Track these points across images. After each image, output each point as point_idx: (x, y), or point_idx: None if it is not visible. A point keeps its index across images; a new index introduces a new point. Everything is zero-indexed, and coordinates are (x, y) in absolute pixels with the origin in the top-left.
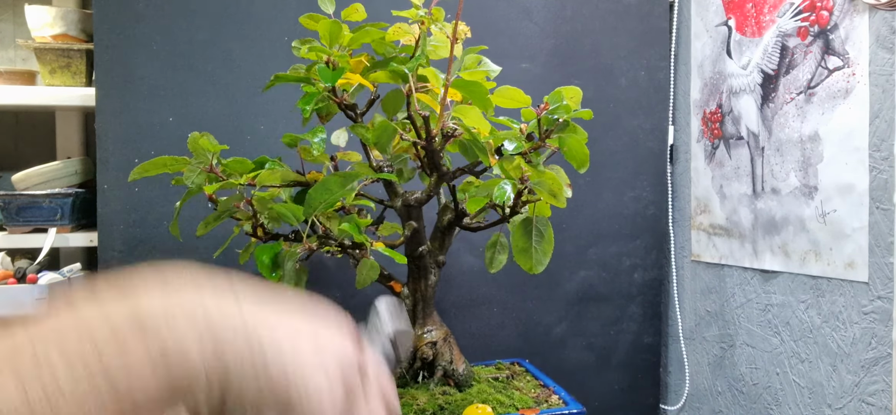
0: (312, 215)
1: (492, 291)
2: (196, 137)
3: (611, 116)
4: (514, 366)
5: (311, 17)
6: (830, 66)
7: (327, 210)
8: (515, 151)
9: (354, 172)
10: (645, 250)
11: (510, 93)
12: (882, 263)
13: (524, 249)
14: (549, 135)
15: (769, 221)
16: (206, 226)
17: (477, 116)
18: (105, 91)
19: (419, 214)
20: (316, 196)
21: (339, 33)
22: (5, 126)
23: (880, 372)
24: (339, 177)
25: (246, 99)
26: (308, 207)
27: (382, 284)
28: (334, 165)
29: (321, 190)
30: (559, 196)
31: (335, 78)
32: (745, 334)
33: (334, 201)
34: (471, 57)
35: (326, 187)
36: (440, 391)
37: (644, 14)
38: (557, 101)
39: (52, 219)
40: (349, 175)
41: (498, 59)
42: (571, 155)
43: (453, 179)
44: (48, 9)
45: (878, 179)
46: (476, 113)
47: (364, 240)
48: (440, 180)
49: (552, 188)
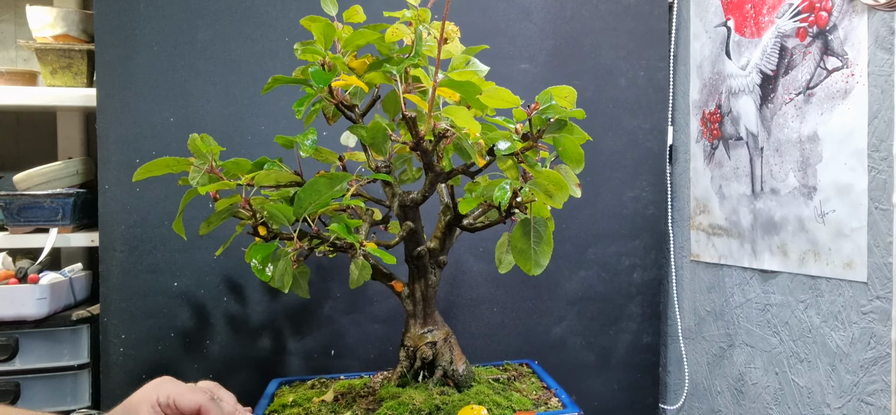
0: (303, 215)
1: (492, 291)
2: (195, 139)
3: (610, 117)
4: (522, 367)
5: (311, 19)
6: (829, 67)
7: (318, 211)
8: (508, 151)
9: (342, 174)
10: (644, 250)
11: (500, 93)
12: (881, 263)
13: (523, 251)
14: (542, 135)
15: (768, 222)
16: (208, 225)
17: (466, 116)
18: (106, 91)
19: (416, 215)
20: (305, 197)
21: (332, 35)
22: (7, 126)
23: (879, 372)
24: (326, 178)
25: (246, 99)
26: (298, 207)
27: (384, 283)
28: (342, 166)
29: (310, 191)
30: (556, 197)
31: (327, 79)
32: (745, 333)
33: (325, 202)
34: (459, 57)
35: (315, 188)
36: (438, 391)
37: (643, 14)
38: (547, 100)
39: (53, 219)
40: (337, 176)
41: (498, 59)
42: (567, 155)
43: (448, 179)
44: (49, 9)
45: (877, 179)
46: (465, 113)
47: (354, 240)
48: (435, 180)
49: (548, 189)
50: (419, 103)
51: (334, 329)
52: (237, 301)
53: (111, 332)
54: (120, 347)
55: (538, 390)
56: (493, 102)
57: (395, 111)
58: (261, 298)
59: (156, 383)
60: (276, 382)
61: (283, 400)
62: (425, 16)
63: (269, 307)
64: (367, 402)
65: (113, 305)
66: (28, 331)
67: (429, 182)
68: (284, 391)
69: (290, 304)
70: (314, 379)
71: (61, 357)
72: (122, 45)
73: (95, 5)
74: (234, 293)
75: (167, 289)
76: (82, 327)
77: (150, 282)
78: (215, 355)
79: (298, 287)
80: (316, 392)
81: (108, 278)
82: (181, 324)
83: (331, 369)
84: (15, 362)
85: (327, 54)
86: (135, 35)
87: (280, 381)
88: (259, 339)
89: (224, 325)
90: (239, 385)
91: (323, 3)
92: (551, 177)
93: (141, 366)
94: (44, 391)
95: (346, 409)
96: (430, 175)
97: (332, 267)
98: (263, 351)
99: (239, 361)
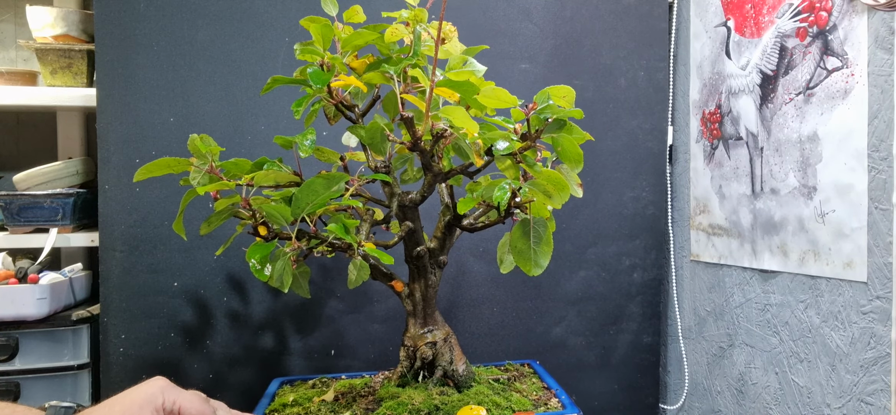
0: (301, 215)
1: (492, 291)
2: (194, 139)
3: (610, 117)
4: (524, 367)
5: (310, 19)
6: (829, 67)
7: (317, 211)
8: (506, 151)
9: (339, 175)
10: (644, 250)
11: (497, 93)
12: (881, 263)
13: (522, 251)
14: (540, 135)
15: (768, 221)
16: (208, 225)
17: (464, 115)
18: (106, 91)
19: (415, 215)
20: (302, 197)
21: (331, 35)
22: (7, 126)
23: (879, 372)
24: (323, 178)
25: (246, 99)
26: (295, 207)
27: (385, 283)
28: (343, 166)
29: (306, 191)
30: (555, 197)
31: (325, 80)
32: (744, 333)
33: (323, 202)
34: (457, 57)
35: (312, 189)
36: (437, 392)
37: (643, 15)
38: (545, 100)
39: (53, 219)
40: (334, 177)
41: (498, 59)
42: (565, 155)
43: (446, 179)
44: (49, 9)
45: (877, 179)
46: (463, 113)
47: (352, 240)
48: (434, 180)
49: (547, 189)
50: (417, 103)
51: (335, 329)
52: (238, 301)
53: (111, 332)
54: (120, 347)
55: (538, 390)
56: (490, 102)
57: (394, 111)
58: (262, 298)
59: (156, 385)
60: (278, 381)
61: (283, 399)
62: (422, 16)
63: (269, 307)
64: (366, 401)
65: (113, 305)
66: (28, 331)
67: (427, 182)
68: (285, 391)
69: (291, 303)
70: (316, 379)
71: (61, 357)
72: (122, 45)
73: (95, 5)
74: (234, 293)
75: (167, 289)
76: (82, 326)
77: (150, 282)
78: (216, 354)
79: (299, 287)
80: (317, 392)
81: (108, 278)
82: (181, 324)
83: (332, 368)
84: (15, 362)
85: (326, 54)
86: (135, 35)
87: (281, 380)
88: (260, 338)
89: (224, 324)
90: (239, 384)
91: (323, 3)
92: (551, 177)
93: (141, 366)
94: (44, 391)
95: (345, 408)
96: (428, 175)
97: (333, 267)
98: (264, 350)
99: (239, 360)
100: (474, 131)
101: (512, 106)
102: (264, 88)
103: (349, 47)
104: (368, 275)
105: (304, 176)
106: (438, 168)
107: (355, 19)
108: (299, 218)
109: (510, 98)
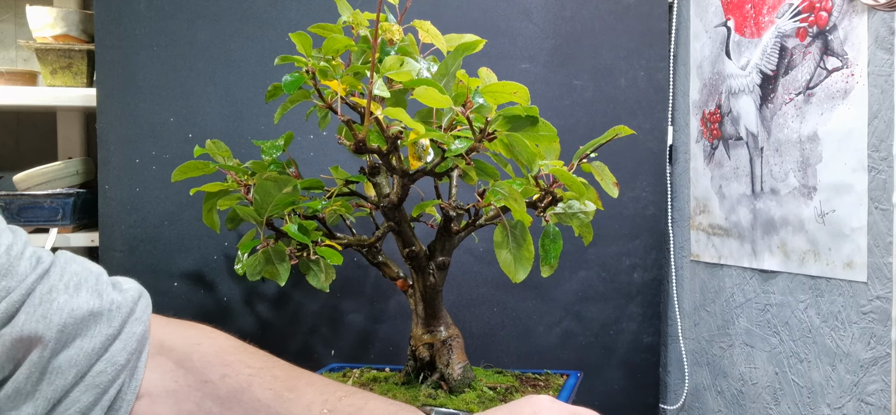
0: (266, 215)
1: (491, 292)
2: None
3: (610, 117)
4: (557, 378)
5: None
6: (829, 67)
7: (281, 211)
8: (455, 152)
9: (285, 177)
10: (644, 250)
11: (430, 93)
12: (881, 263)
13: (504, 259)
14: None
15: (768, 222)
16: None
17: (406, 115)
18: (106, 91)
19: (398, 215)
20: (260, 198)
21: (311, 45)
22: (6, 126)
23: (879, 372)
24: (271, 181)
25: (247, 99)
26: (257, 208)
27: (391, 280)
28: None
29: (260, 192)
30: (520, 202)
31: (294, 87)
32: (744, 333)
33: (282, 202)
34: (392, 59)
35: (264, 190)
36: (426, 394)
37: (643, 14)
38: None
39: (53, 219)
40: (282, 179)
41: (498, 59)
42: (517, 155)
43: (414, 181)
44: (49, 9)
45: (877, 179)
46: (405, 114)
47: (306, 240)
48: (402, 181)
49: (511, 194)
50: (363, 104)
51: (336, 328)
52: (237, 301)
53: None
54: None
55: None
56: (426, 101)
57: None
58: (262, 298)
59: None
60: None
61: None
62: (361, 19)
63: (270, 307)
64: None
65: None
66: None
67: (397, 183)
68: None
69: (291, 303)
70: (343, 370)
71: None
72: (122, 45)
73: (95, 5)
74: (234, 293)
75: (167, 289)
76: None
77: (151, 282)
78: None
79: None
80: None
81: None
82: None
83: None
84: None
85: (310, 62)
86: (135, 35)
87: None
88: (260, 338)
89: (224, 325)
90: None
91: (339, 4)
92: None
93: None
94: None
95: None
96: (396, 176)
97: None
98: (264, 350)
99: None
100: (422, 130)
101: (445, 106)
102: (268, 96)
103: (331, 52)
104: (334, 277)
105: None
106: (402, 169)
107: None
108: (264, 218)
109: (443, 98)
